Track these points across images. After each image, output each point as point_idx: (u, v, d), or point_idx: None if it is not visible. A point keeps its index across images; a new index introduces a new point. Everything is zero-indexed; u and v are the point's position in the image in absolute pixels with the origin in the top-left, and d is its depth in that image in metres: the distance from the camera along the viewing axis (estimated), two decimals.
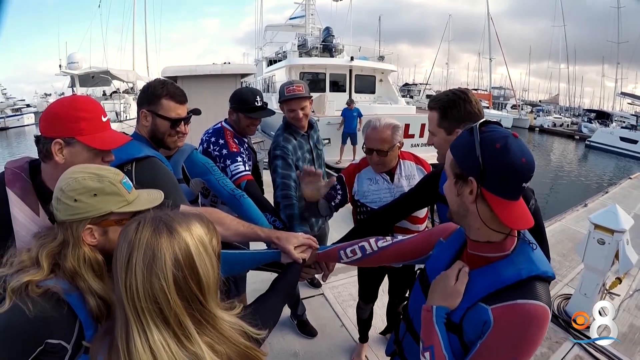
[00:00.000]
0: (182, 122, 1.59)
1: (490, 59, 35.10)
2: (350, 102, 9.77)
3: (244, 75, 7.21)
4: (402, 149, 1.96)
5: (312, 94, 2.15)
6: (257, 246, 1.50)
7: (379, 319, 2.68)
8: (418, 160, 2.02)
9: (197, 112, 1.68)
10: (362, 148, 1.93)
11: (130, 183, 0.99)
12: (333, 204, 1.90)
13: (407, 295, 2.41)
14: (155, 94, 1.54)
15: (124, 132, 1.65)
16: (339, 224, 1.87)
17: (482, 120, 0.90)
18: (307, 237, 1.34)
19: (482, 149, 0.84)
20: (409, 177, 1.96)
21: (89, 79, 17.27)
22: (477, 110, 1.37)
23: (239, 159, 2.04)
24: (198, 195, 2.01)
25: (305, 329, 2.73)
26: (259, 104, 2.17)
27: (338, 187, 1.96)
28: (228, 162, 2.02)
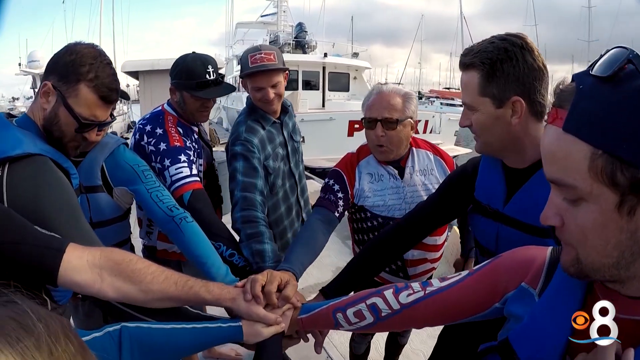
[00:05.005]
0: (96, 129, 1.09)
1: None
2: None
3: None
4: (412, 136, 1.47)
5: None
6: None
7: (374, 348, 2.19)
8: (436, 150, 1.52)
9: (125, 96, 1.26)
10: (362, 121, 1.42)
11: None
12: (336, 213, 1.37)
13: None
14: (74, 70, 1.00)
15: (8, 113, 1.11)
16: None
17: None
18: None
19: None
20: (424, 171, 1.46)
21: None
22: (541, 64, 0.87)
23: (183, 157, 1.42)
24: (129, 209, 1.42)
25: None
26: (212, 77, 1.51)
27: (337, 188, 1.43)
28: (167, 162, 1.40)
